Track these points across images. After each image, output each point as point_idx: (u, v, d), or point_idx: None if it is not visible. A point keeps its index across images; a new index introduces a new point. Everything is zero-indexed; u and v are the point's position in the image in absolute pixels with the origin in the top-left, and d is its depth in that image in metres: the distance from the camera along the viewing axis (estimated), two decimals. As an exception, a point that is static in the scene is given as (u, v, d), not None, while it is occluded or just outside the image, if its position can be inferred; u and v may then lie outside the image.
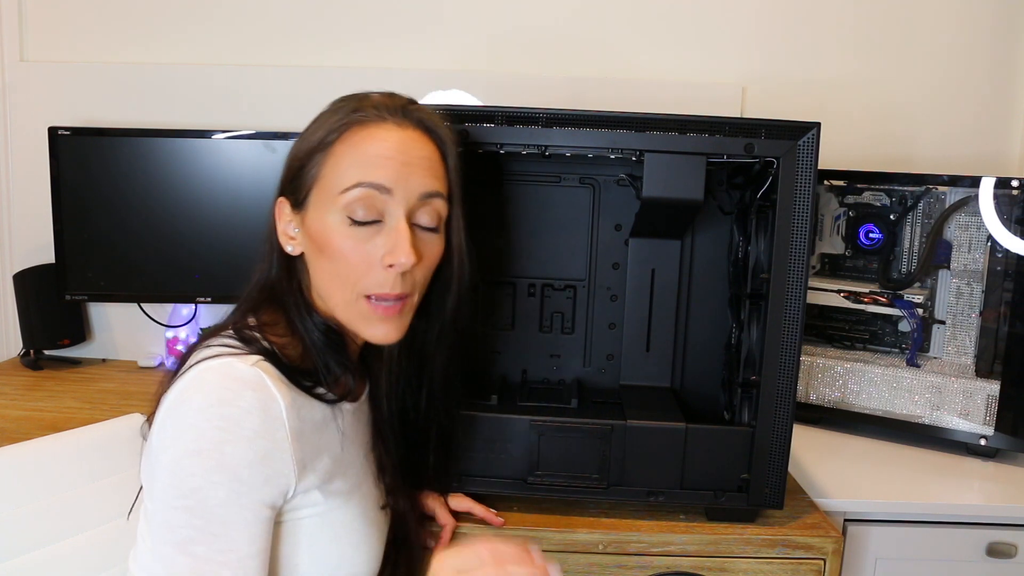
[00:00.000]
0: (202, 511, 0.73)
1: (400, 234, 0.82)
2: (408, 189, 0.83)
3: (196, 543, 0.73)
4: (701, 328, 1.24)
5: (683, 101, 1.72)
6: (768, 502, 1.09)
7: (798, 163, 1.04)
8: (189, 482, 0.73)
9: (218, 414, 0.74)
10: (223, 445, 0.73)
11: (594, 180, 1.23)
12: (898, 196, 1.46)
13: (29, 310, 1.68)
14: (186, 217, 1.59)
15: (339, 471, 0.86)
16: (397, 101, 0.87)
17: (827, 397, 1.52)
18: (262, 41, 1.75)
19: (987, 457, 1.41)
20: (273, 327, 0.85)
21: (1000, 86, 1.80)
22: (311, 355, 0.86)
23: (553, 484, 1.10)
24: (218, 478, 0.73)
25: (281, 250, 0.88)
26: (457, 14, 1.75)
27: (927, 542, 1.27)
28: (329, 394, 0.85)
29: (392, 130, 0.84)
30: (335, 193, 0.82)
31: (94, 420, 1.08)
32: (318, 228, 0.83)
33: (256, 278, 0.90)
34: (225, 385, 0.75)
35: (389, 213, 0.83)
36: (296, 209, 0.86)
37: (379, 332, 0.85)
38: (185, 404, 0.76)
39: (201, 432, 0.74)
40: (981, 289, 1.39)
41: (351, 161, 0.82)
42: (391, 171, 0.82)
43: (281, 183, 0.88)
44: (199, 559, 0.73)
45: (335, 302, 0.85)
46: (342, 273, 0.83)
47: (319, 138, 0.84)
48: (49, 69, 1.74)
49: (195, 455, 0.73)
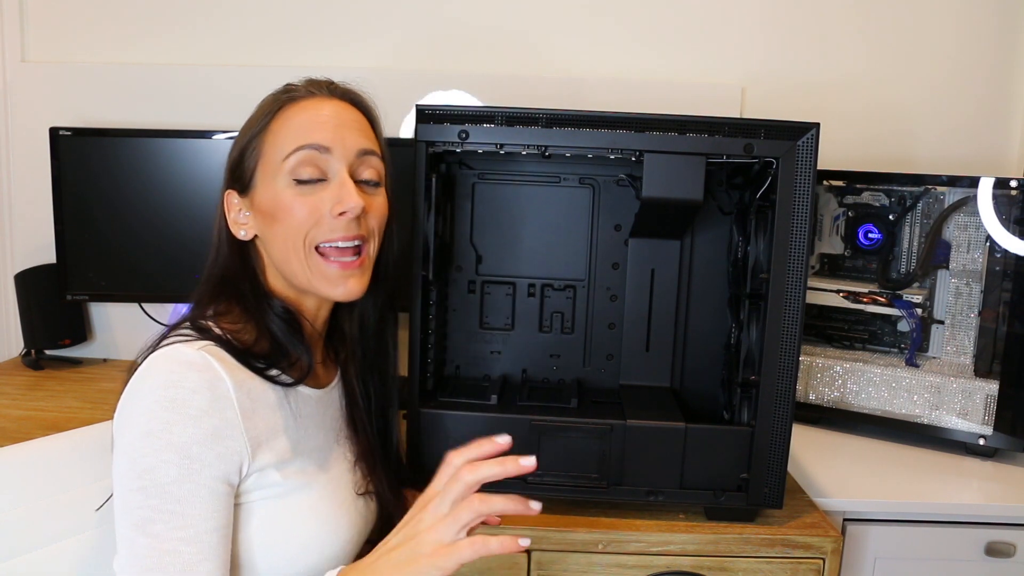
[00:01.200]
0: (156, 490, 0.75)
1: (345, 184, 0.86)
2: (346, 147, 0.88)
3: (154, 522, 0.75)
4: (701, 328, 1.24)
5: (683, 101, 1.73)
6: (767, 501, 1.10)
7: (797, 163, 1.04)
8: (142, 463, 0.76)
9: (166, 396, 0.77)
10: (171, 425, 0.76)
11: (594, 180, 1.23)
12: (897, 196, 1.46)
13: (30, 310, 1.68)
14: (187, 217, 1.59)
15: (300, 453, 0.87)
16: (321, 81, 0.92)
17: (826, 397, 1.52)
18: (263, 41, 1.76)
19: (986, 457, 1.42)
20: (226, 315, 0.88)
21: (999, 87, 1.80)
22: (264, 339, 0.88)
23: (553, 484, 1.10)
24: (169, 456, 0.75)
25: (231, 240, 0.91)
26: (458, 14, 1.76)
27: (926, 541, 1.27)
28: (284, 376, 0.87)
29: (323, 100, 0.89)
30: (278, 162, 0.86)
31: (95, 420, 1.08)
32: (267, 199, 0.87)
33: (204, 275, 0.93)
34: (171, 368, 0.78)
35: (331, 170, 0.87)
36: (243, 195, 0.90)
37: (340, 289, 0.88)
38: (136, 391, 0.79)
39: (152, 414, 0.76)
40: (980, 289, 1.39)
41: (288, 131, 0.87)
42: (328, 132, 0.87)
43: (225, 179, 0.92)
44: (158, 538, 0.75)
45: (293, 267, 0.88)
46: (292, 231, 0.86)
47: (254, 125, 0.89)
48: (50, 70, 1.74)
49: (146, 436, 0.76)
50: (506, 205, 1.24)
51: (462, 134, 1.06)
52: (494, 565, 1.09)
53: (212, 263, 0.93)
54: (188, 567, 0.75)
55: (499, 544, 0.70)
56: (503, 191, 1.23)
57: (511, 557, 1.08)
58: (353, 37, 1.75)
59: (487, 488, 0.72)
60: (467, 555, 0.70)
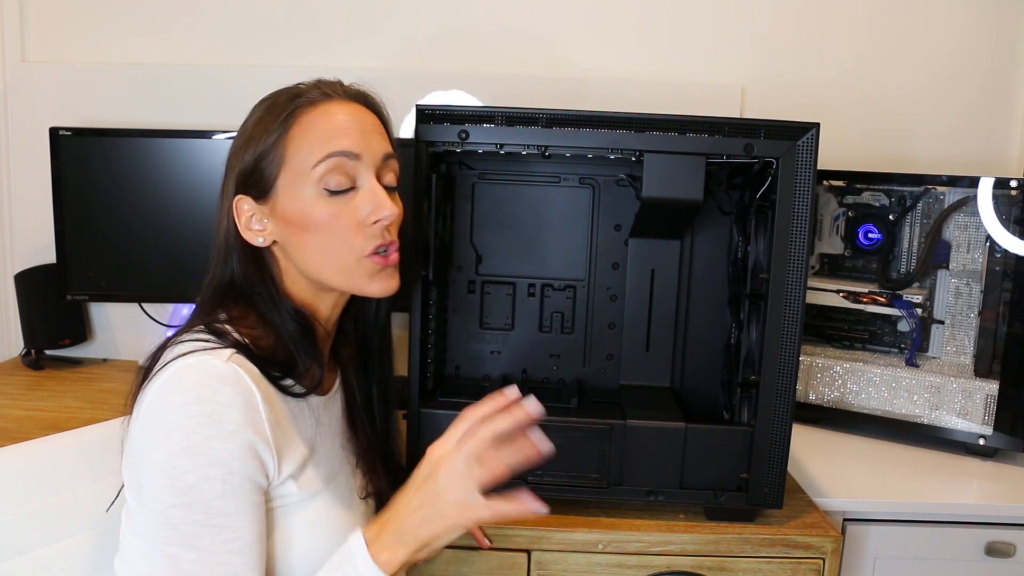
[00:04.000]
0: (202, 506, 0.75)
1: (377, 192, 0.86)
2: (372, 152, 0.87)
3: (201, 537, 0.75)
4: (701, 328, 1.24)
5: (683, 101, 1.73)
6: (767, 501, 1.10)
7: (797, 163, 1.04)
8: (184, 479, 0.75)
9: (201, 411, 0.76)
10: (210, 440, 0.75)
11: (594, 180, 1.23)
12: (897, 196, 1.46)
13: (30, 310, 1.68)
14: (187, 217, 1.59)
15: (312, 462, 0.87)
16: (331, 83, 0.91)
17: (826, 397, 1.52)
18: (263, 41, 1.75)
19: (986, 457, 1.42)
20: (243, 320, 0.87)
21: (999, 87, 1.80)
22: (282, 346, 0.87)
23: (553, 484, 1.10)
24: (212, 472, 0.75)
25: (245, 246, 0.89)
26: (459, 14, 1.76)
27: (926, 541, 1.27)
28: (296, 386, 0.87)
29: (341, 104, 0.88)
30: (306, 170, 0.85)
31: (95, 420, 1.08)
32: (295, 208, 0.86)
33: (208, 279, 0.91)
34: (204, 382, 0.77)
35: (360, 177, 0.87)
36: (260, 201, 0.87)
37: (381, 286, 0.89)
38: (166, 404, 0.77)
39: (188, 430, 0.75)
40: (980, 289, 1.39)
41: (314, 138, 0.85)
42: (355, 138, 0.86)
43: (235, 183, 0.88)
44: (206, 551, 0.75)
45: (331, 273, 0.88)
46: (333, 242, 0.86)
47: (271, 130, 0.86)
48: (50, 69, 1.74)
49: (185, 453, 0.75)
50: (506, 205, 1.24)
51: (462, 134, 1.06)
52: (494, 565, 1.09)
53: (219, 268, 0.91)
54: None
55: (514, 508, 0.76)
56: (503, 191, 1.23)
57: (511, 557, 1.08)
58: (353, 37, 1.75)
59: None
60: (486, 515, 0.76)
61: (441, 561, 1.08)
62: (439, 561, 1.08)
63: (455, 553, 1.08)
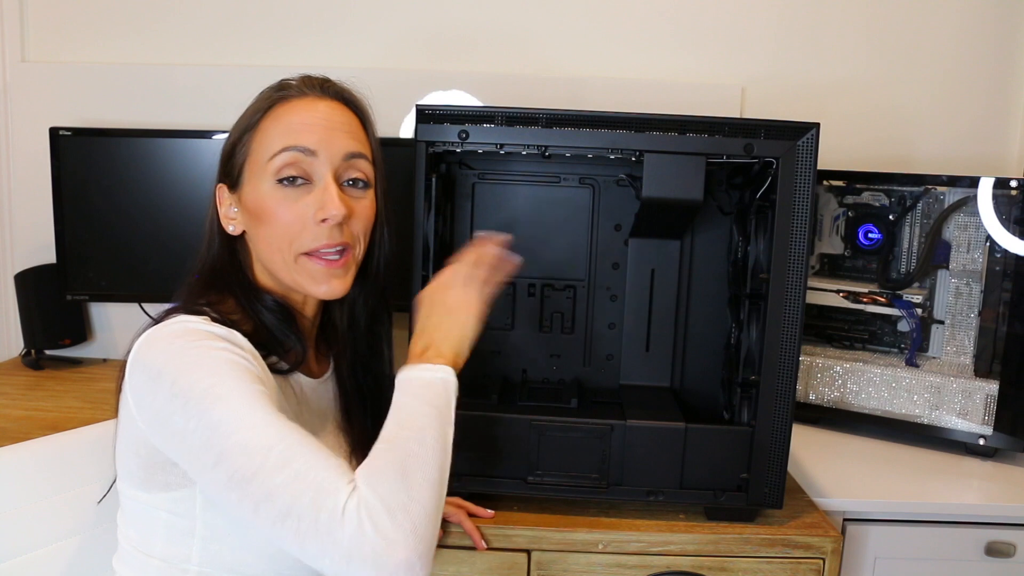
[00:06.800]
0: (230, 397, 0.74)
1: (328, 190, 0.86)
2: (332, 151, 0.87)
3: (242, 409, 0.74)
4: (701, 328, 1.24)
5: (683, 101, 1.73)
6: (767, 501, 1.10)
7: (797, 163, 1.04)
8: (200, 386, 0.74)
9: (195, 331, 0.79)
10: (211, 351, 0.77)
11: (594, 180, 1.23)
12: (897, 196, 1.46)
13: (30, 310, 1.68)
14: (186, 217, 1.59)
15: None
16: (315, 79, 0.92)
17: (826, 397, 1.52)
18: (262, 41, 1.75)
19: (986, 457, 1.42)
20: (221, 305, 0.88)
21: (999, 87, 1.80)
22: (263, 331, 0.88)
23: (553, 484, 1.10)
24: (225, 370, 0.76)
25: (223, 234, 0.92)
26: (458, 14, 1.76)
27: (926, 541, 1.27)
28: (281, 363, 0.88)
29: (314, 101, 0.89)
30: (264, 161, 0.87)
31: (95, 420, 1.08)
32: (253, 198, 0.88)
33: (197, 267, 0.93)
34: (188, 319, 0.81)
35: (316, 174, 0.87)
36: (233, 190, 0.91)
37: (323, 288, 0.89)
38: (156, 343, 0.79)
39: (184, 350, 0.77)
40: (980, 289, 1.39)
41: (277, 131, 0.87)
42: (315, 135, 0.87)
43: (218, 172, 0.92)
44: (249, 422, 0.73)
45: (277, 266, 0.89)
46: (278, 235, 0.87)
47: (247, 120, 0.90)
48: (50, 69, 1.74)
49: (193, 367, 0.76)
50: (506, 205, 1.24)
51: (462, 134, 1.06)
52: (494, 565, 1.09)
53: (203, 255, 0.94)
54: (305, 437, 0.73)
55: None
56: (503, 191, 1.23)
57: (511, 557, 1.08)
58: (353, 37, 1.75)
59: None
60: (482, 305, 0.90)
61: (441, 561, 1.08)
62: (439, 561, 1.08)
63: (455, 553, 1.08)
